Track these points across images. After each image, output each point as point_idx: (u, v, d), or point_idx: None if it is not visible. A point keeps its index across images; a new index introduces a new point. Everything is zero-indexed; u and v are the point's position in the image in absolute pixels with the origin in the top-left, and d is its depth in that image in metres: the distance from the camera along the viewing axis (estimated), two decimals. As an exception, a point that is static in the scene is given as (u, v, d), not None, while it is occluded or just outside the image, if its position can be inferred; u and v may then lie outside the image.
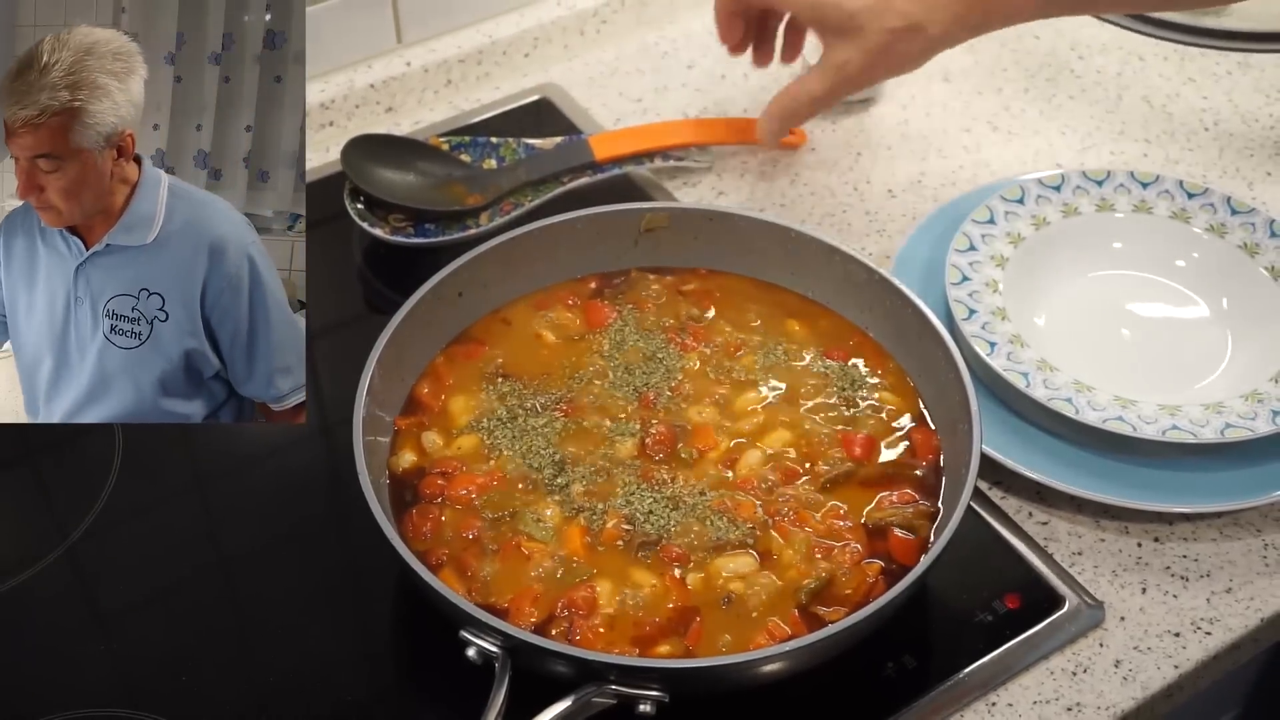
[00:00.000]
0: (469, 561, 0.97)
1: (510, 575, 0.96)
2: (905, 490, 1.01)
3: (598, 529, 0.99)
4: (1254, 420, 1.07)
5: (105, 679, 1.00)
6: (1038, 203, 1.23)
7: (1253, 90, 1.46)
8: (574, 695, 0.87)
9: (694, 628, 0.93)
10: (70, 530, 1.08)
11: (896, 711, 0.96)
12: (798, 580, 0.96)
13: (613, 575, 0.96)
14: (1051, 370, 1.10)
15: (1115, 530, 1.08)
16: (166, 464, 1.13)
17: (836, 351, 1.11)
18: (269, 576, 1.06)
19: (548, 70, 1.50)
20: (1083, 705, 0.97)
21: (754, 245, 1.14)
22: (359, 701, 0.98)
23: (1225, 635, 1.02)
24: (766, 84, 1.48)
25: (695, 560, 0.97)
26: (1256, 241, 1.20)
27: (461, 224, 1.29)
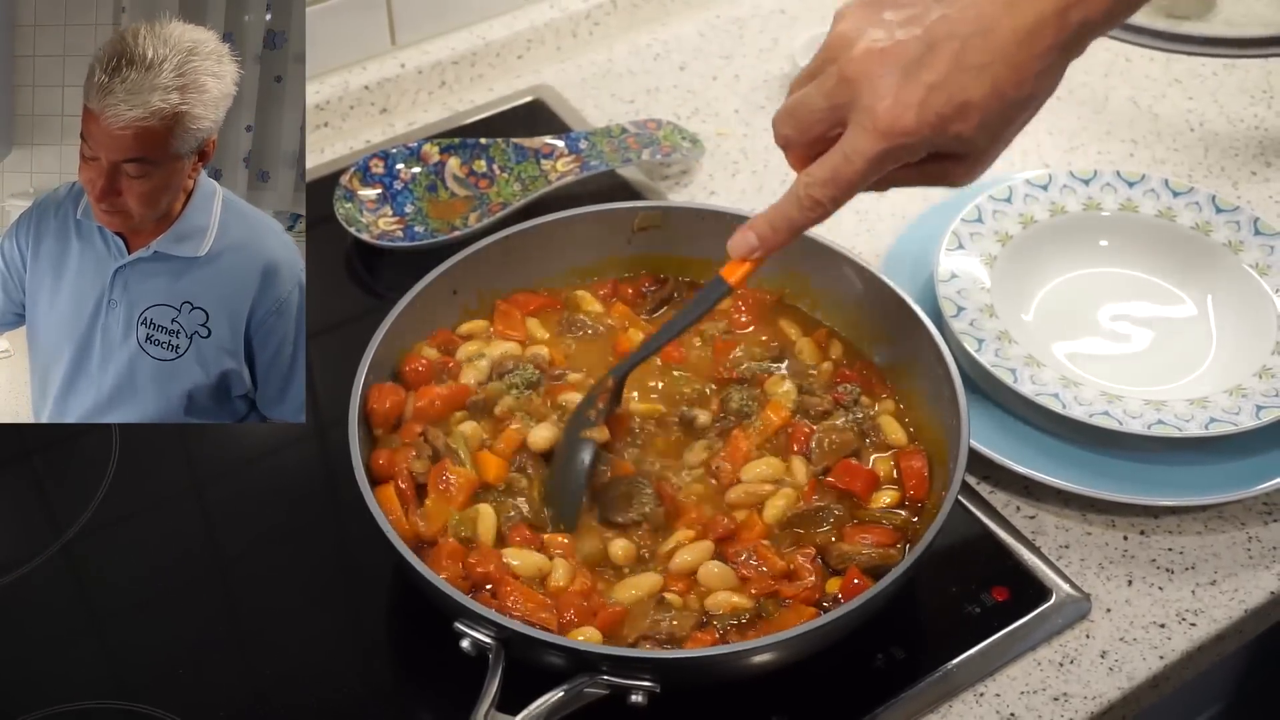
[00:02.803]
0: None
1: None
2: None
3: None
4: (1238, 415, 1.08)
5: (101, 673, 1.01)
6: (1025, 202, 1.24)
7: (1238, 91, 1.48)
8: (566, 685, 0.88)
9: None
10: (66, 527, 1.09)
11: (886, 702, 0.97)
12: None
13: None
14: (1039, 366, 1.12)
15: (1102, 524, 1.09)
16: (163, 462, 1.14)
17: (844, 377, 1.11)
18: (264, 572, 1.07)
19: (541, 72, 1.52)
20: (1069, 695, 0.99)
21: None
22: (355, 693, 0.99)
23: (1210, 627, 1.03)
24: (757, 85, 1.49)
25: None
26: (1240, 239, 1.21)
27: (450, 225, 1.30)
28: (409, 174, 1.34)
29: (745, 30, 1.57)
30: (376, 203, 1.32)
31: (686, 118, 1.45)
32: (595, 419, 1.03)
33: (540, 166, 1.34)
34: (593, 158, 1.34)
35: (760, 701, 0.96)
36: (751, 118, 1.46)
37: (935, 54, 0.89)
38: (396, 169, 1.34)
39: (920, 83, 0.89)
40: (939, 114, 0.89)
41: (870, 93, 0.90)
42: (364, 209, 1.31)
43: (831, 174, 0.93)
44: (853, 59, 0.91)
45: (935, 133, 0.90)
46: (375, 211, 1.31)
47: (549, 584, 0.96)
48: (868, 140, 0.91)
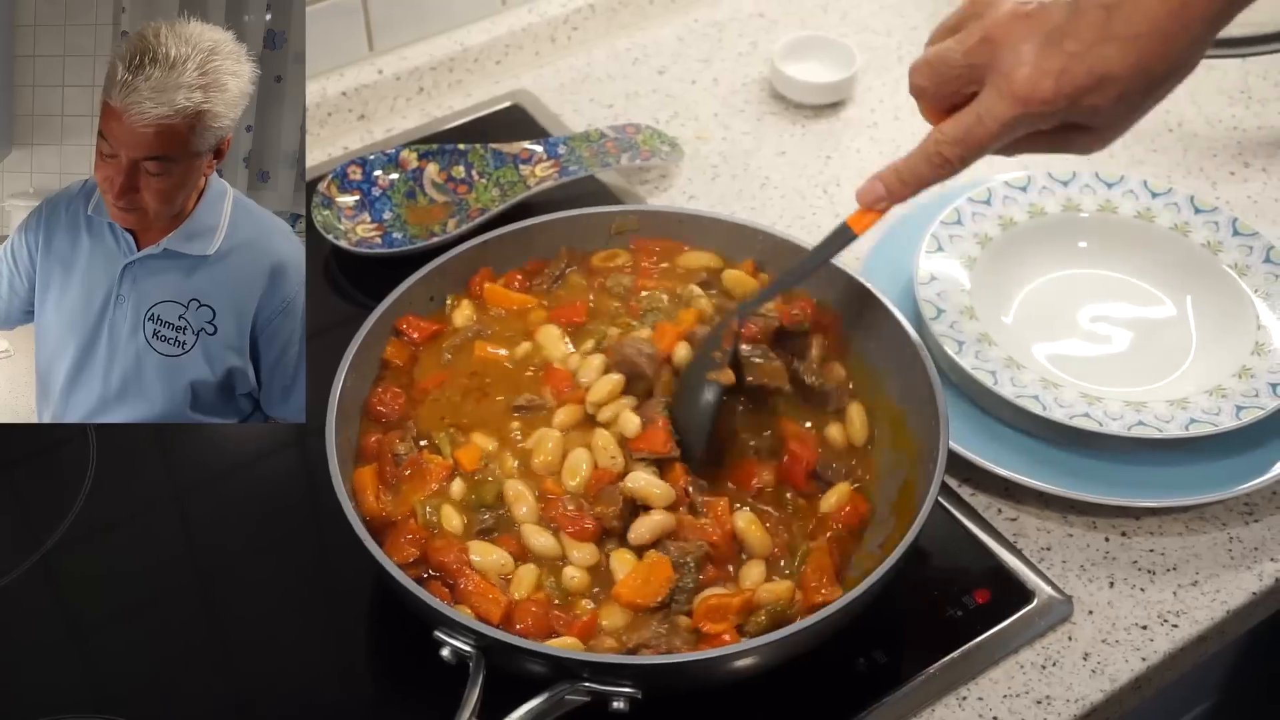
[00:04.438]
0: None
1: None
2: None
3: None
4: (1218, 415, 1.08)
5: (81, 686, 1.00)
6: (1004, 204, 1.24)
7: (1216, 92, 1.48)
8: (547, 693, 0.87)
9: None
10: (45, 537, 1.08)
11: (868, 707, 0.97)
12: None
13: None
14: (1019, 368, 1.12)
15: (1083, 525, 1.09)
16: (141, 469, 1.13)
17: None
18: (244, 580, 1.07)
19: (519, 77, 1.51)
20: (1052, 698, 0.98)
21: (725, 247, 1.15)
22: (335, 702, 0.99)
23: (1192, 628, 1.03)
24: (736, 88, 1.49)
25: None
26: (1219, 240, 1.21)
27: (428, 231, 1.29)
28: (387, 180, 1.33)
29: (724, 34, 1.57)
30: (354, 209, 1.31)
31: (665, 121, 1.45)
32: (720, 361, 1.02)
33: (519, 172, 1.33)
34: (571, 163, 1.33)
35: (742, 707, 0.96)
36: (731, 121, 1.45)
37: (1080, 21, 0.88)
38: (374, 175, 1.33)
39: (1062, 51, 0.89)
40: (1077, 85, 0.89)
41: (1011, 56, 0.90)
42: (342, 216, 1.30)
43: (964, 134, 0.93)
44: (998, 20, 0.91)
45: (1071, 104, 0.90)
46: (353, 218, 1.31)
47: (510, 590, 0.95)
48: (1003, 104, 0.91)
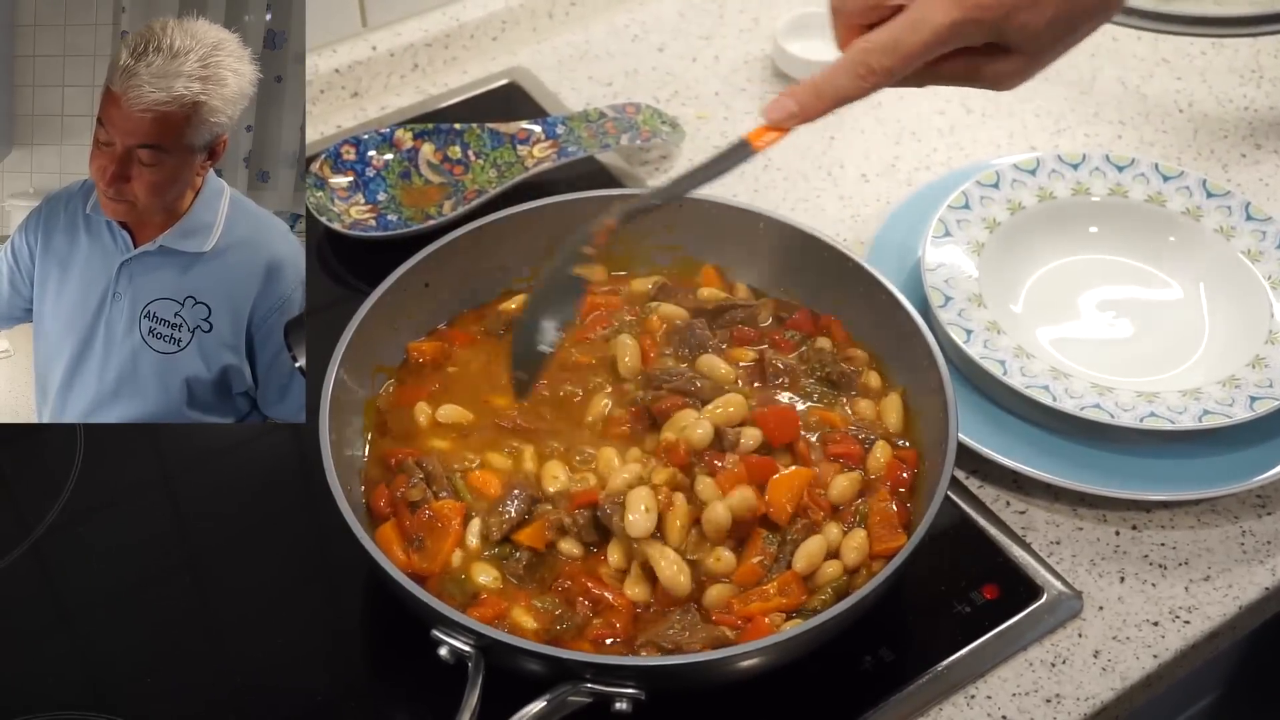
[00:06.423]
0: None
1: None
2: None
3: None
4: (1231, 406, 1.06)
5: (70, 679, 0.98)
6: (1013, 187, 1.21)
7: (1227, 71, 1.45)
8: (549, 695, 0.85)
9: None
10: (34, 526, 1.06)
11: (875, 705, 0.95)
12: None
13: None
14: (1028, 357, 1.09)
15: (1093, 519, 1.07)
16: (129, 458, 1.11)
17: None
18: (237, 572, 1.05)
19: (516, 54, 1.48)
20: (1062, 696, 0.97)
21: (726, 231, 1.13)
22: (330, 701, 0.97)
23: (1204, 624, 1.01)
24: (737, 66, 1.46)
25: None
26: (1232, 225, 1.19)
27: (424, 213, 1.26)
28: (381, 161, 1.30)
29: (725, 10, 1.54)
30: (348, 191, 1.29)
31: (666, 100, 1.42)
32: (591, 256, 0.97)
33: (516, 152, 1.30)
34: (570, 143, 1.30)
35: (748, 706, 0.94)
36: (732, 100, 1.43)
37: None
38: (369, 155, 1.30)
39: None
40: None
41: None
42: (335, 197, 1.27)
43: (894, 41, 0.89)
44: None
45: (1006, 17, 0.88)
46: (347, 200, 1.28)
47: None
48: (941, 9, 0.88)
